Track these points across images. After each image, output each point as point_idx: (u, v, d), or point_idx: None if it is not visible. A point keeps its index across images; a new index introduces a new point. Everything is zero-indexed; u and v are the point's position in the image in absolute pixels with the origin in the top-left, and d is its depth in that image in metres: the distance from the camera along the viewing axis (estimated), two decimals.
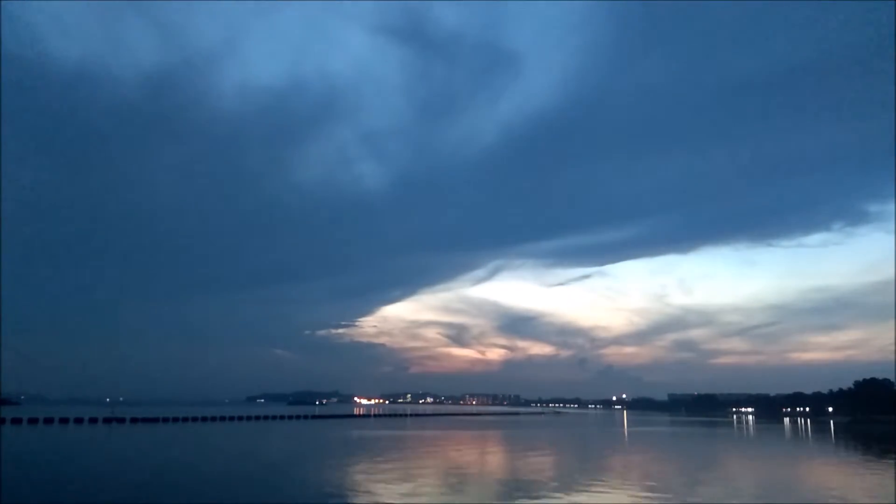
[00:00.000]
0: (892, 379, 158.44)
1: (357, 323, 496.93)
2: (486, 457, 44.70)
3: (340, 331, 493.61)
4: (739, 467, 40.69)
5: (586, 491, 26.28)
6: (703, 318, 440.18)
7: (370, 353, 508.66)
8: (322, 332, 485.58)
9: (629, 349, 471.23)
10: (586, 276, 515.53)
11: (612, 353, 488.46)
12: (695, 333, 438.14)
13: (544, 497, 24.53)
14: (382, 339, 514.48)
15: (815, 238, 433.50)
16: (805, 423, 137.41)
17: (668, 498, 25.12)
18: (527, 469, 36.20)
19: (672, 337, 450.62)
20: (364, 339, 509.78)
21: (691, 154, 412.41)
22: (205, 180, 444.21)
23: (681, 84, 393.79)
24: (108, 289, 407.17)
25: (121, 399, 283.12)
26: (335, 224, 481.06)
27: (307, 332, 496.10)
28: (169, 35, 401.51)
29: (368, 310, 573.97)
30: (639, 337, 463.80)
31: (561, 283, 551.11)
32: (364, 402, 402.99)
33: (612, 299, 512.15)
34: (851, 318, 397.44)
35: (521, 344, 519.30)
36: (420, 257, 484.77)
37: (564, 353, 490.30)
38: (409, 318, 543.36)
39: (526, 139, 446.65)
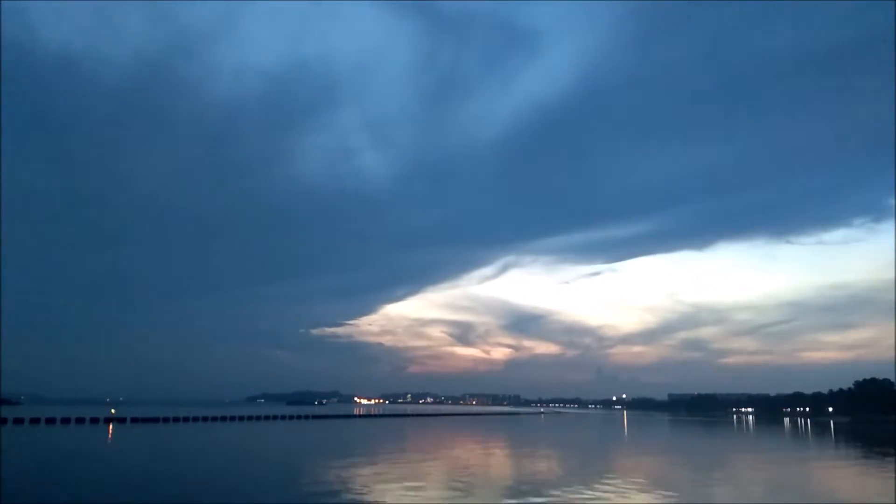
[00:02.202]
0: (892, 379, 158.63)
1: (359, 322, 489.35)
2: (493, 456, 44.64)
3: (341, 330, 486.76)
4: (740, 466, 40.68)
5: (597, 489, 26.31)
6: (716, 315, 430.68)
7: (371, 353, 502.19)
8: (322, 332, 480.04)
9: (637, 348, 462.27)
10: (596, 274, 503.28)
11: (619, 353, 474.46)
12: (705, 332, 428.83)
13: (553, 497, 24.51)
14: (385, 338, 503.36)
15: (837, 234, 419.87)
16: (805, 424, 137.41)
17: (673, 496, 25.12)
18: (532, 468, 36.21)
19: (682, 335, 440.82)
20: (365, 339, 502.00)
21: (709, 145, 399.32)
22: (200, 172, 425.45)
23: (700, 70, 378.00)
24: (108, 288, 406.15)
25: (120, 399, 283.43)
26: (337, 218, 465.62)
27: (307, 331, 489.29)
28: (159, 13, 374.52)
29: (371, 308, 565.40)
30: (647, 336, 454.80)
31: (572, 281, 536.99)
32: (364, 402, 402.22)
33: (624, 297, 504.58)
34: (867, 316, 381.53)
35: (527, 343, 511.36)
36: (426, 253, 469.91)
37: (570, 352, 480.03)
38: (413, 316, 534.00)
39: (539, 127, 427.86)
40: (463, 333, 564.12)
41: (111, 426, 75.92)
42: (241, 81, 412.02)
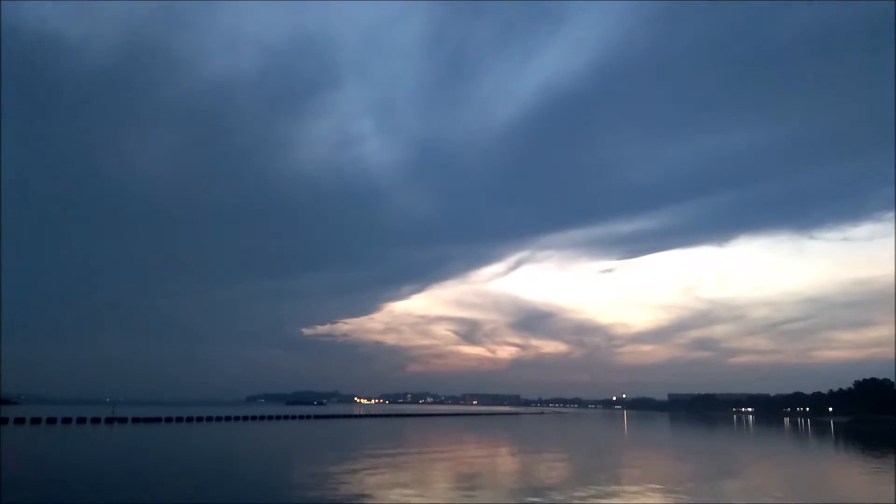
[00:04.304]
0: (892, 379, 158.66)
1: (360, 320, 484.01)
2: (497, 456, 44.56)
3: (342, 329, 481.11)
4: (740, 465, 40.68)
5: (607, 489, 26.30)
6: (732, 312, 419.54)
7: (372, 353, 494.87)
8: (323, 331, 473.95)
9: (646, 347, 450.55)
10: (609, 270, 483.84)
11: (628, 352, 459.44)
12: (718, 330, 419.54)
13: (560, 498, 24.49)
14: (389, 336, 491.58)
15: (863, 229, 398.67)
16: (805, 424, 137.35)
17: (678, 495, 25.10)
18: (538, 467, 36.17)
19: (693, 334, 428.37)
20: (367, 337, 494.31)
21: (731, 134, 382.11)
22: (196, 161, 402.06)
23: (722, 56, 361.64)
24: (108, 287, 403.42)
25: (120, 399, 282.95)
26: (338, 210, 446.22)
27: (307, 330, 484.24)
28: None
29: (374, 306, 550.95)
30: (659, 334, 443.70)
31: (586, 277, 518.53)
32: (364, 402, 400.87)
33: (639, 293, 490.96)
34: (886, 314, 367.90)
35: (534, 342, 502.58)
36: (434, 249, 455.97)
37: (578, 351, 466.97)
38: (419, 313, 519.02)
39: (556, 112, 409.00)
40: (469, 332, 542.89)
41: (113, 426, 75.87)
42: (235, 57, 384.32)
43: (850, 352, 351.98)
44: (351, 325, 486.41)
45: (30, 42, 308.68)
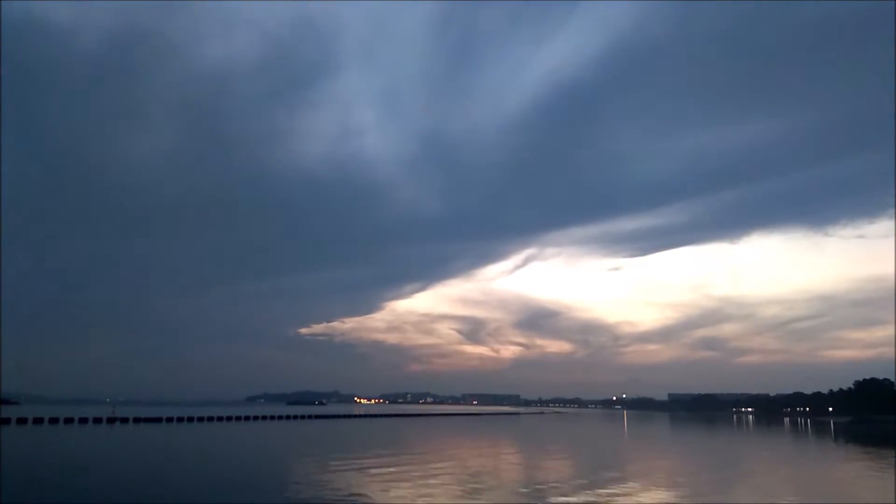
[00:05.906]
0: (893, 379, 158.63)
1: (362, 319, 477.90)
2: (496, 451, 44.55)
3: (343, 328, 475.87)
4: (740, 466, 40.70)
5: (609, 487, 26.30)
6: (742, 310, 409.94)
7: (372, 352, 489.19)
8: (323, 330, 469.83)
9: (652, 346, 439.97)
10: (617, 269, 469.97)
11: (632, 351, 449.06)
12: (727, 329, 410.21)
13: (566, 497, 24.49)
14: (391, 335, 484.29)
15: (880, 226, 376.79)
16: (805, 424, 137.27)
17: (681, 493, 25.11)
18: (540, 466, 36.16)
19: (701, 333, 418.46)
20: (369, 336, 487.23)
21: (744, 127, 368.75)
22: (189, 154, 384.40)
23: (738, 43, 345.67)
24: (107, 288, 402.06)
25: (120, 399, 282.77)
26: (339, 206, 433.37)
27: (307, 330, 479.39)
28: None
29: (375, 305, 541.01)
30: (665, 333, 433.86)
31: (594, 274, 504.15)
32: (364, 402, 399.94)
33: (647, 291, 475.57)
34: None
35: (539, 341, 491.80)
36: (437, 246, 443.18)
37: (583, 351, 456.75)
38: (422, 311, 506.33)
39: (565, 104, 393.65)
40: (473, 331, 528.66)
41: (114, 426, 75.80)
42: (232, 43, 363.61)
43: (858, 351, 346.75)
44: (352, 325, 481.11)
45: (16, 30, 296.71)
